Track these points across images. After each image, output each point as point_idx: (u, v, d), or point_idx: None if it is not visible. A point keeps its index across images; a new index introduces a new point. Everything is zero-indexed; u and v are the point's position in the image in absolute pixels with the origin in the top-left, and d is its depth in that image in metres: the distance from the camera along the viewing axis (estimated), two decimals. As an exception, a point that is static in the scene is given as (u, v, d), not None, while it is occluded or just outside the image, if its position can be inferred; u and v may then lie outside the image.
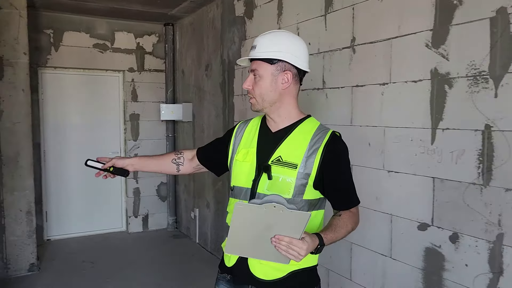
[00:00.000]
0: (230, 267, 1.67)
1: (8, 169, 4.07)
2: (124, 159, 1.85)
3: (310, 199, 1.56)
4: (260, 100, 1.58)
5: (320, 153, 1.52)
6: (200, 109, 5.04)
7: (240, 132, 1.74)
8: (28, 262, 4.21)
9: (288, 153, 1.55)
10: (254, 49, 1.59)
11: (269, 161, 1.56)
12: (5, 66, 4.02)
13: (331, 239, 1.49)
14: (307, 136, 1.57)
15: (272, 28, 3.50)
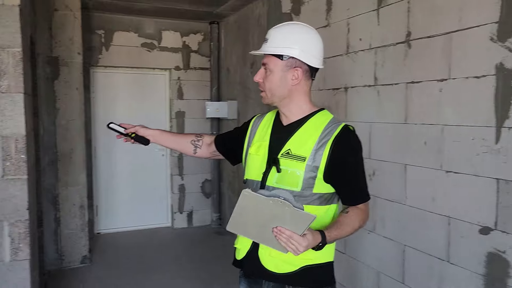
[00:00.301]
0: (240, 259, 1.67)
1: (63, 164, 4.24)
2: (146, 129, 1.90)
3: (321, 193, 1.53)
4: (270, 94, 1.58)
5: (329, 146, 1.50)
6: (245, 107, 5.04)
7: (255, 125, 1.74)
8: (81, 254, 4.37)
9: (298, 146, 1.54)
10: (266, 42, 1.57)
11: (279, 154, 1.55)
12: (61, 66, 4.19)
13: (335, 236, 1.47)
14: (318, 129, 1.54)
15: (320, 24, 3.44)
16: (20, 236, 2.40)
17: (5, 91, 2.33)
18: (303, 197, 1.51)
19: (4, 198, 2.36)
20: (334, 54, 3.31)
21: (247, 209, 1.41)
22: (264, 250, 1.57)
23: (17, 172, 2.38)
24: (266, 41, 1.56)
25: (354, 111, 3.13)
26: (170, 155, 5.76)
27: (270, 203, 1.34)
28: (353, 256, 3.17)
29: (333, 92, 3.35)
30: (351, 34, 3.12)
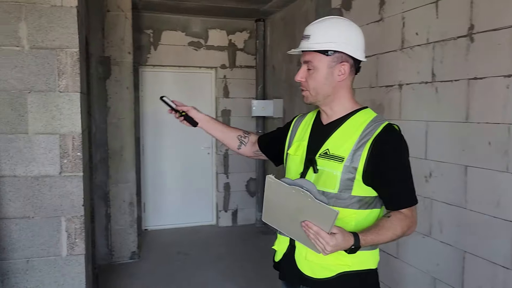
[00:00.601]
0: (277, 262, 1.63)
1: (113, 162, 4.36)
2: (197, 112, 1.90)
3: (360, 196, 1.45)
4: (314, 93, 1.51)
5: (369, 146, 1.42)
6: (291, 105, 4.98)
7: (296, 125, 1.70)
8: (130, 250, 4.48)
9: (337, 146, 1.48)
10: (307, 39, 1.49)
11: (317, 154, 1.50)
12: (112, 65, 4.30)
13: (371, 241, 1.37)
14: (359, 128, 1.47)
15: (373, 19, 3.32)
16: (76, 231, 2.47)
17: (63, 90, 2.40)
18: (341, 200, 1.44)
19: (61, 195, 2.43)
20: (388, 50, 3.18)
21: (274, 197, 1.36)
22: (300, 253, 1.52)
23: (73, 169, 2.44)
24: (308, 37, 1.50)
25: (409, 109, 2.99)
26: (216, 153, 5.80)
27: (292, 192, 1.28)
28: (406, 261, 3.04)
29: (386, 89, 3.22)
30: (406, 29, 2.99)
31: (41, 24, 2.36)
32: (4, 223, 2.35)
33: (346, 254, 1.37)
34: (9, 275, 2.38)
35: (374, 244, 1.41)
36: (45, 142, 2.39)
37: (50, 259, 2.44)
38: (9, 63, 2.32)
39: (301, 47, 1.51)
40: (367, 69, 3.44)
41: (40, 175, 2.39)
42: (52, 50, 2.37)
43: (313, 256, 1.45)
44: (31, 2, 2.33)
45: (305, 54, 1.50)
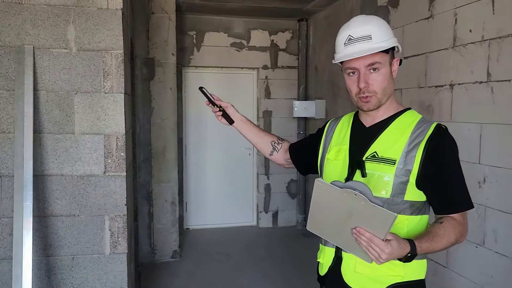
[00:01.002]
0: (322, 276, 1.54)
1: (156, 162, 4.43)
2: (235, 112, 1.85)
3: (413, 201, 1.37)
4: (382, 95, 1.42)
5: (423, 147, 1.35)
6: (334, 106, 4.87)
7: (331, 129, 1.63)
8: (171, 249, 4.53)
9: (385, 148, 1.40)
10: (368, 39, 1.37)
11: (363, 157, 1.42)
12: (156, 67, 4.37)
13: (427, 249, 1.27)
14: (407, 129, 1.40)
15: (422, 16, 3.17)
16: (119, 230, 2.51)
17: (108, 91, 2.44)
18: (393, 205, 1.35)
19: (105, 194, 2.47)
20: (438, 48, 3.02)
21: (322, 203, 1.28)
22: (348, 265, 1.43)
23: (117, 169, 2.48)
24: (369, 38, 1.38)
25: (461, 110, 2.83)
26: (257, 154, 5.77)
27: (344, 195, 1.19)
28: (456, 270, 2.87)
29: (436, 89, 3.07)
30: (459, 25, 2.83)
31: (88, 26, 2.41)
32: (51, 221, 2.43)
33: (399, 263, 1.30)
34: (55, 271, 2.45)
35: (429, 252, 1.32)
36: (90, 142, 2.44)
37: (94, 257, 2.49)
38: (58, 65, 2.39)
39: (367, 49, 1.37)
40: (415, 69, 3.29)
41: (86, 174, 2.45)
42: (98, 52, 2.42)
43: (364, 268, 1.37)
44: (79, 5, 2.39)
45: (367, 57, 1.38)
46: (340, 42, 1.45)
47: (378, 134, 1.45)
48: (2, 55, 2.32)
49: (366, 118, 1.50)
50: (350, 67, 1.42)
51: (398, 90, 3.52)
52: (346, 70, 1.44)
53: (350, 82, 1.44)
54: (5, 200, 2.34)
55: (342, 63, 1.46)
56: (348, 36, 1.41)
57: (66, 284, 2.47)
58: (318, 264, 1.61)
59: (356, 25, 1.42)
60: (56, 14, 2.37)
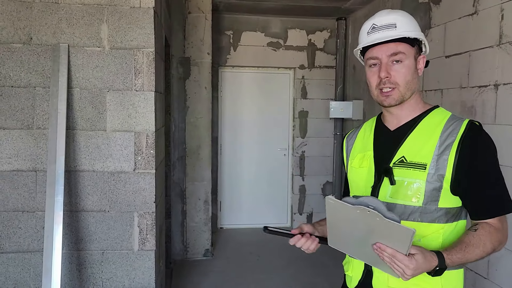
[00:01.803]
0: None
1: (190, 160, 4.46)
2: (308, 225, 1.47)
3: (448, 207, 1.27)
4: (405, 90, 1.31)
5: (456, 147, 1.24)
6: (372, 107, 4.72)
7: (351, 139, 1.54)
8: (204, 247, 4.55)
9: (414, 152, 1.29)
10: (393, 27, 1.29)
11: (391, 163, 1.31)
12: (192, 66, 4.40)
13: (458, 260, 1.16)
14: (437, 129, 1.29)
15: (465, 13, 3.01)
16: (147, 227, 2.53)
17: (139, 89, 2.47)
18: (427, 214, 1.26)
19: (135, 191, 2.50)
20: (482, 46, 2.85)
21: (338, 220, 1.21)
22: (378, 279, 1.33)
23: (147, 166, 2.51)
24: (394, 26, 1.29)
25: (507, 112, 2.64)
26: (292, 155, 5.71)
27: (357, 212, 1.11)
28: (498, 283, 2.69)
29: (479, 90, 2.89)
30: (505, 22, 2.65)
31: (121, 25, 2.45)
32: (82, 215, 2.48)
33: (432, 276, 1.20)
34: (86, 265, 2.51)
35: (462, 263, 1.22)
36: (121, 139, 2.48)
37: (123, 252, 2.53)
38: (91, 63, 2.44)
39: (391, 35, 1.29)
40: (457, 68, 3.12)
41: (116, 171, 2.49)
42: (130, 50, 2.46)
43: (397, 282, 1.27)
44: (112, 4, 2.44)
45: (390, 46, 1.30)
46: (363, 31, 1.37)
47: (405, 136, 1.34)
48: (39, 53, 2.39)
49: (391, 120, 1.39)
50: (372, 57, 1.33)
51: (439, 90, 3.35)
52: (368, 61, 1.35)
53: (370, 74, 1.35)
54: (39, 194, 2.42)
55: (364, 56, 1.37)
56: (372, 25, 1.34)
57: (95, 278, 2.52)
58: (345, 276, 1.53)
59: (381, 15, 1.34)
60: (90, 13, 2.43)
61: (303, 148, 5.65)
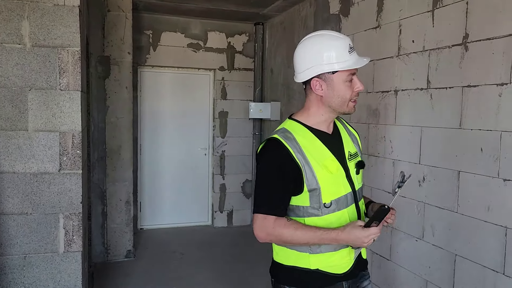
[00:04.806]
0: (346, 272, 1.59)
1: (111, 161, 4.38)
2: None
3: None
4: None
5: (353, 130, 1.78)
6: (289, 108, 5.02)
7: (298, 151, 1.52)
8: (126, 248, 4.50)
9: (350, 146, 1.68)
10: (355, 50, 1.59)
11: (346, 159, 1.63)
12: (112, 65, 4.33)
13: None
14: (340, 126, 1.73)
15: (370, 26, 3.38)
16: (73, 228, 2.50)
17: (64, 88, 2.43)
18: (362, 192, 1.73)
19: (60, 192, 2.46)
20: (384, 56, 3.23)
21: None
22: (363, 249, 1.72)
23: (72, 166, 2.47)
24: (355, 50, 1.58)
25: (404, 114, 3.04)
26: (213, 155, 5.83)
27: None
28: (399, 263, 3.09)
29: (382, 95, 3.28)
30: (403, 36, 3.04)
31: (44, 22, 2.39)
32: (2, 219, 2.38)
33: None
34: (6, 271, 2.41)
35: None
36: (45, 139, 2.42)
37: (47, 255, 2.47)
38: (11, 60, 2.35)
39: (365, 59, 1.57)
40: (364, 75, 3.49)
41: (39, 172, 2.42)
42: (54, 48, 2.41)
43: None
44: (34, 1, 2.37)
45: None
46: (343, 50, 1.51)
47: (341, 136, 1.68)
48: (-49, 49, 2.25)
49: (330, 126, 1.65)
50: (352, 73, 1.54)
51: (348, 94, 3.71)
52: (348, 76, 1.53)
53: (347, 88, 1.54)
54: (-48, 198, 2.28)
55: (337, 71, 1.51)
56: (348, 45, 1.53)
57: (17, 283, 2.43)
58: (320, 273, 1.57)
59: (344, 36, 1.57)
60: (9, 8, 2.34)
61: (223, 147, 5.81)
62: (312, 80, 1.55)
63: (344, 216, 1.57)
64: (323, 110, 1.59)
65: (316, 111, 1.60)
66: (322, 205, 1.53)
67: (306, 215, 1.54)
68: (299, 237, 1.48)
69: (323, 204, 1.53)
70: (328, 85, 1.54)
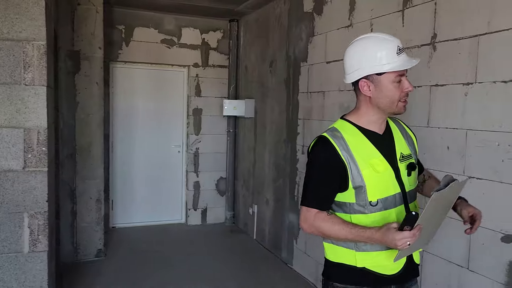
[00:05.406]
0: (395, 274, 1.58)
1: (81, 158, 4.28)
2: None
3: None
4: None
5: (411, 132, 1.75)
6: (263, 106, 5.03)
7: (343, 150, 1.55)
8: (96, 248, 4.41)
9: (403, 147, 1.67)
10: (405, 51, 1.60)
11: (397, 160, 1.62)
12: (82, 60, 4.23)
13: None
14: (395, 128, 1.71)
15: (343, 25, 3.41)
16: (39, 228, 2.43)
17: (29, 83, 2.36)
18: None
19: (24, 190, 2.38)
20: (356, 55, 3.26)
21: (430, 214, 1.41)
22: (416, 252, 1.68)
23: (38, 164, 2.40)
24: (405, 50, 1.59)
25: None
26: (186, 152, 5.78)
27: (452, 187, 1.41)
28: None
29: (354, 93, 3.31)
30: (374, 35, 3.08)
31: (8, 15, 2.31)
32: (-37, 218, 2.30)
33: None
34: (-33, 272, 2.33)
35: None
36: (8, 136, 2.34)
37: (11, 255, 2.40)
38: (-28, 54, 2.26)
39: (414, 60, 1.58)
40: (336, 73, 3.52)
41: (2, 169, 2.35)
42: (18, 42, 2.33)
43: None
44: (-3, -7, 2.29)
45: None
46: (391, 52, 1.53)
47: (393, 137, 1.67)
48: None
49: (382, 126, 1.64)
50: (401, 74, 1.54)
51: (321, 92, 3.74)
52: (396, 77, 1.53)
53: (395, 88, 1.54)
54: None
55: (384, 72, 1.53)
56: (397, 46, 1.55)
57: (-22, 285, 2.35)
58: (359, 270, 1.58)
59: (394, 38, 1.58)
60: (-30, 0, 2.25)
61: (197, 145, 5.77)
62: (360, 81, 1.57)
63: (391, 216, 1.56)
64: (372, 111, 1.60)
65: (366, 111, 1.61)
66: (368, 203, 1.55)
67: (352, 212, 1.57)
68: (336, 232, 1.53)
69: (369, 202, 1.55)
70: (376, 86, 1.55)
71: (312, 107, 3.93)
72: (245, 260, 4.54)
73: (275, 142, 4.70)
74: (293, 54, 4.28)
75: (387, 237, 1.40)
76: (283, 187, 4.50)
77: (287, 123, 4.39)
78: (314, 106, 3.89)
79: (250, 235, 5.33)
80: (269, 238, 4.84)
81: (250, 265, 4.40)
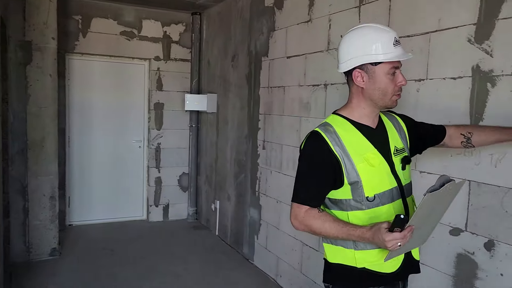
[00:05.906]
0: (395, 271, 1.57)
1: (33, 153, 4.11)
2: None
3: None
4: None
5: (403, 124, 1.72)
6: (225, 101, 4.98)
7: (336, 145, 1.52)
8: (50, 246, 4.25)
9: (397, 141, 1.64)
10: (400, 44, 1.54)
11: (392, 154, 1.59)
12: (33, 51, 4.04)
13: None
14: (388, 121, 1.68)
15: (302, 20, 3.40)
16: (-20, 226, 2.30)
17: (-32, 74, 2.22)
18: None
19: (-36, 186, 2.25)
20: (315, 50, 3.27)
21: (424, 214, 1.37)
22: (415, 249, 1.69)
23: (-21, 159, 2.27)
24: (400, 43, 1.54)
25: (333, 107, 3.07)
26: (148, 147, 5.66)
27: (448, 189, 1.34)
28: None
29: (313, 88, 3.32)
30: (332, 30, 3.09)
31: None
32: None
33: None
34: None
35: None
36: None
37: (-51, 256, 2.26)
38: None
39: (407, 53, 1.56)
40: (296, 68, 3.52)
41: None
42: (-44, 29, 2.19)
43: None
44: None
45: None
46: (388, 42, 1.50)
47: (386, 131, 1.64)
48: None
49: (374, 120, 1.62)
50: (396, 66, 1.52)
51: (282, 87, 3.73)
52: (391, 69, 1.51)
53: (389, 81, 1.52)
54: None
55: (379, 63, 1.50)
56: (394, 38, 1.52)
57: None
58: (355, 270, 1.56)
59: (391, 29, 1.55)
60: None
61: (159, 140, 5.66)
62: (354, 71, 1.54)
63: (390, 211, 1.54)
64: (364, 103, 1.57)
65: (358, 104, 1.58)
66: (364, 199, 1.52)
67: (349, 209, 1.54)
68: (326, 230, 1.50)
69: (366, 197, 1.52)
70: (370, 77, 1.52)
71: (273, 102, 3.91)
72: (207, 256, 4.49)
73: (237, 137, 4.66)
74: (254, 49, 4.25)
75: (377, 238, 1.38)
76: (245, 183, 4.48)
77: (248, 118, 4.37)
78: (275, 101, 3.88)
79: (212, 231, 5.28)
80: (231, 234, 4.81)
81: (212, 262, 4.36)
